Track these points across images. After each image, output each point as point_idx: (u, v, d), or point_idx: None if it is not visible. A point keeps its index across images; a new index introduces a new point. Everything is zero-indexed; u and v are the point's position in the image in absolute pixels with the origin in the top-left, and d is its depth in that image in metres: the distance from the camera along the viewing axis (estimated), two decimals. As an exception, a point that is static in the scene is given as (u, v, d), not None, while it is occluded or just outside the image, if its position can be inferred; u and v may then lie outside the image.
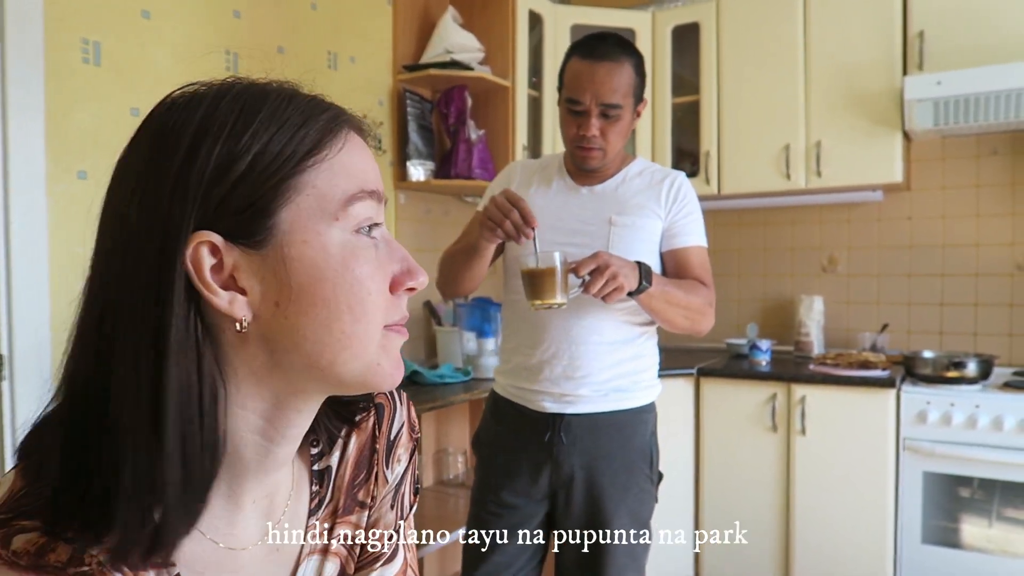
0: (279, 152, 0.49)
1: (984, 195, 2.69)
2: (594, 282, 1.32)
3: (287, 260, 0.49)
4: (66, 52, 1.66)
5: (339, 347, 0.51)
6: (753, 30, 2.75)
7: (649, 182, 1.56)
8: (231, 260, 0.48)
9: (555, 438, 1.51)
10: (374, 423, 0.67)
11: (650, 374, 1.59)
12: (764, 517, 2.51)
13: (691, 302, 1.48)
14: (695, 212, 1.57)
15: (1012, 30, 2.32)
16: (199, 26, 1.94)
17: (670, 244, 1.55)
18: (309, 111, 0.51)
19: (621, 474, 1.51)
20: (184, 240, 0.47)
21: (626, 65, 1.50)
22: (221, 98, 0.49)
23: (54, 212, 1.62)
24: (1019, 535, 2.16)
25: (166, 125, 0.49)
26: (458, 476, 2.58)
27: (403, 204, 2.62)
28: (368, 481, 0.66)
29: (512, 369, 1.59)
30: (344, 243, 0.51)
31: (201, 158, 0.47)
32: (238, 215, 0.48)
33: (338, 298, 0.50)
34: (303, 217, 0.49)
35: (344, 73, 2.39)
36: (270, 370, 0.51)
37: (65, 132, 1.65)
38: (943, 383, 2.29)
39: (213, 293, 0.48)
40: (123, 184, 0.49)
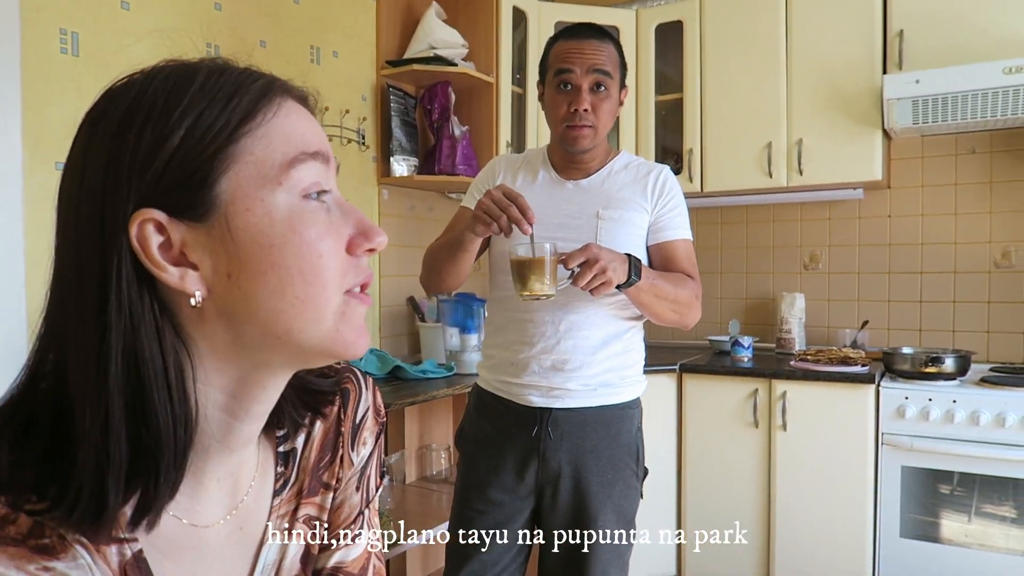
0: (211, 124, 0.49)
1: (962, 193, 2.72)
2: (583, 274, 1.32)
3: (233, 230, 0.49)
4: (43, 42, 1.64)
5: (294, 313, 0.50)
6: (736, 29, 2.77)
7: (635, 176, 1.56)
8: (178, 236, 0.48)
9: (542, 433, 1.49)
10: (339, 406, 0.67)
11: (637, 369, 1.59)
12: (746, 512, 2.53)
13: (679, 295, 1.48)
14: (681, 206, 1.58)
15: (989, 30, 2.35)
16: (179, 18, 1.92)
17: (656, 238, 1.55)
18: (240, 81, 0.51)
19: (608, 470, 1.50)
20: (125, 220, 0.47)
21: (610, 45, 1.53)
22: (152, 79, 0.50)
23: (30, 203, 1.60)
24: (996, 529, 2.19)
25: (103, 112, 0.50)
26: (441, 472, 2.57)
27: (386, 200, 2.61)
28: (333, 463, 0.67)
29: (498, 364, 1.57)
30: (291, 207, 0.50)
31: (132, 137, 0.47)
32: (177, 190, 0.48)
33: (287, 263, 0.50)
34: (244, 185, 0.49)
35: (327, 68, 2.38)
36: (231, 344, 0.51)
37: (42, 123, 1.63)
38: (921, 379, 2.31)
39: (162, 270, 0.48)
40: (68, 175, 0.50)
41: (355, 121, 2.46)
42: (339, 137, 2.39)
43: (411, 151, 2.60)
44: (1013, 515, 2.17)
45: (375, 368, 2.25)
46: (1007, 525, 2.18)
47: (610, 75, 1.49)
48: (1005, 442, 2.14)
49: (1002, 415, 2.15)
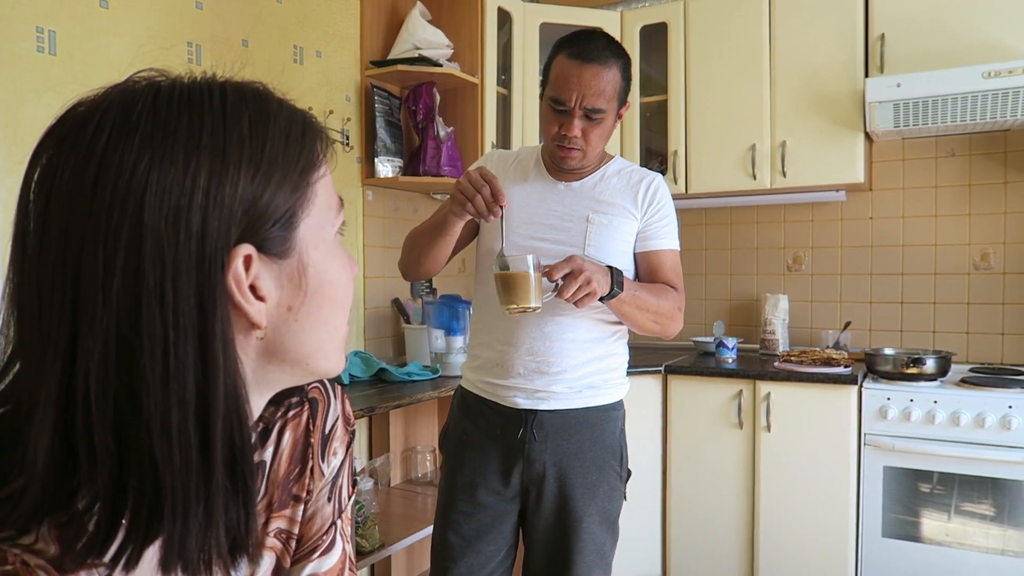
0: (297, 164, 0.51)
1: (942, 196, 2.75)
2: (567, 287, 1.32)
3: (305, 267, 0.52)
4: (19, 41, 1.61)
5: (329, 340, 0.55)
6: (720, 31, 2.78)
7: (627, 182, 1.55)
8: (255, 270, 0.49)
9: (527, 434, 1.50)
10: (308, 417, 0.67)
11: (620, 372, 1.60)
12: (730, 512, 2.54)
13: (660, 307, 1.49)
14: (670, 215, 1.57)
15: (970, 34, 2.37)
16: (159, 17, 1.89)
17: (643, 246, 1.55)
18: (303, 122, 0.53)
19: (592, 471, 1.51)
20: (226, 255, 0.46)
21: (614, 68, 1.46)
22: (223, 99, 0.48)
23: (7, 205, 1.57)
24: (976, 528, 2.22)
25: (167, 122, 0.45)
26: (426, 475, 2.56)
27: (371, 201, 2.59)
28: (303, 475, 0.66)
29: (482, 365, 1.56)
30: (336, 245, 0.55)
31: (231, 173, 0.46)
32: (269, 229, 0.49)
33: (337, 296, 0.54)
34: (314, 226, 0.52)
35: (311, 68, 2.36)
36: (254, 371, 0.53)
37: (18, 122, 1.60)
38: (903, 379, 2.34)
39: (249, 303, 0.49)
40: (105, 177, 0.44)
41: (339, 122, 2.44)
42: (323, 138, 2.37)
43: (396, 152, 2.58)
44: (993, 514, 2.20)
45: (360, 370, 2.23)
46: (987, 524, 2.21)
47: (604, 110, 1.45)
48: (985, 442, 2.17)
49: (982, 415, 2.17)
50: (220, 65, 0.55)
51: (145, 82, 0.48)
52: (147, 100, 0.46)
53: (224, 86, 0.50)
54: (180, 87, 0.48)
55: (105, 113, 0.46)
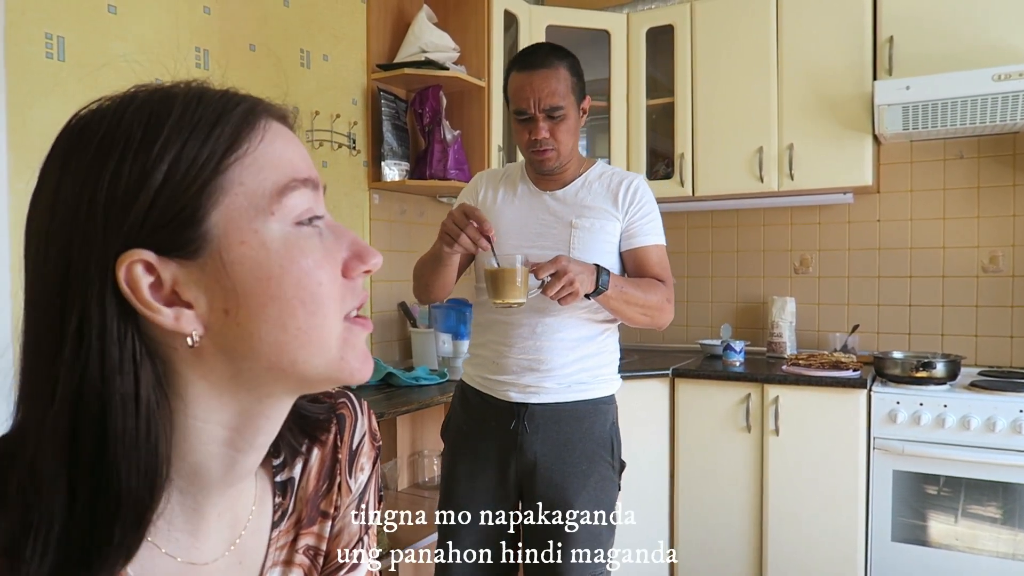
0: (195, 156, 0.46)
1: (950, 198, 2.74)
2: (551, 285, 1.40)
3: (227, 264, 0.47)
4: (28, 46, 1.60)
5: (297, 345, 0.49)
6: (727, 33, 2.78)
7: (608, 185, 1.65)
8: (169, 275, 0.46)
9: (520, 426, 1.60)
10: (335, 433, 0.66)
11: (611, 368, 1.68)
12: (738, 515, 2.53)
13: (648, 300, 1.57)
14: (652, 212, 1.66)
15: (979, 37, 2.36)
16: (167, 22, 1.89)
17: (629, 244, 1.64)
18: (221, 107, 0.49)
19: (583, 462, 1.59)
20: (111, 262, 0.44)
21: (561, 68, 1.58)
22: (124, 109, 0.47)
23: (15, 210, 1.57)
24: (984, 532, 2.21)
25: (73, 146, 0.47)
26: (433, 479, 2.55)
27: (377, 204, 2.59)
28: (331, 491, 0.65)
29: (481, 362, 1.68)
30: (285, 236, 0.48)
31: (109, 174, 0.45)
32: (165, 228, 0.46)
33: (287, 294, 0.48)
34: (235, 217, 0.47)
35: (317, 71, 2.36)
36: (232, 379, 0.49)
37: (27, 128, 1.60)
38: (912, 383, 2.32)
39: (156, 312, 0.46)
40: (38, 210, 0.47)
41: (346, 125, 2.44)
42: (329, 142, 2.37)
43: (402, 155, 2.58)
44: (1003, 518, 2.19)
45: (367, 375, 2.23)
46: (997, 529, 2.19)
47: (561, 107, 1.57)
48: (995, 446, 2.16)
49: (992, 419, 2.16)
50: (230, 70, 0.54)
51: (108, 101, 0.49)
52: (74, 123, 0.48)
53: (136, 94, 0.48)
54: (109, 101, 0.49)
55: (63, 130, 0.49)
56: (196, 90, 0.50)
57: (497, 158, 2.64)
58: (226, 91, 0.51)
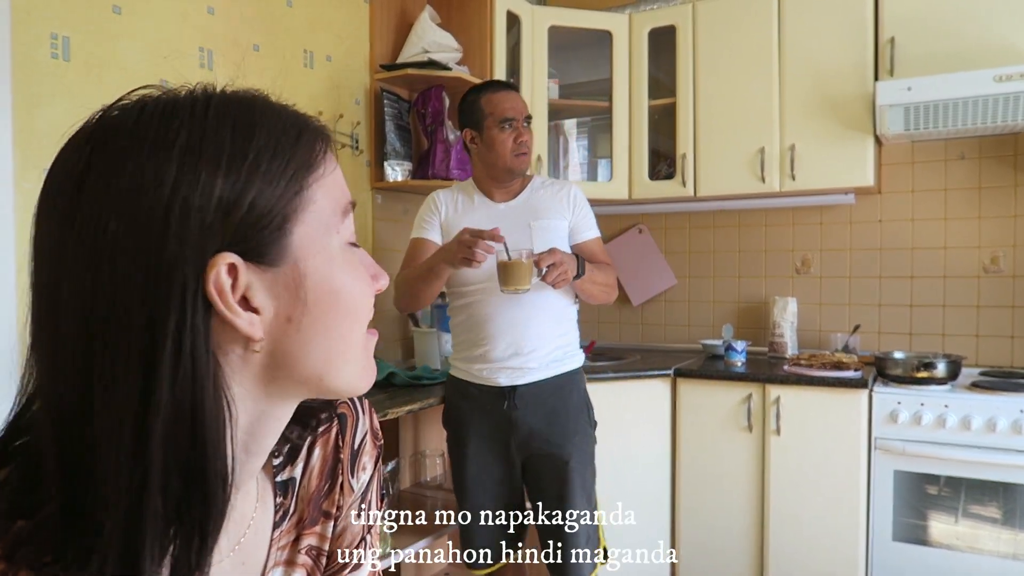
0: (283, 171, 0.48)
1: (952, 199, 2.75)
2: (550, 272, 1.74)
3: (302, 275, 0.49)
4: (34, 47, 1.61)
5: (340, 353, 0.52)
6: (729, 34, 2.78)
7: (553, 192, 2.00)
8: (245, 280, 0.47)
9: (511, 405, 1.90)
10: (337, 432, 0.67)
11: (575, 344, 2.03)
12: (739, 514, 2.53)
13: (608, 280, 1.98)
14: (589, 211, 2.03)
15: (981, 37, 2.37)
16: (172, 22, 1.90)
17: (576, 238, 2.00)
18: (299, 125, 0.51)
19: (568, 423, 1.93)
20: (204, 263, 0.45)
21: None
22: (204, 109, 0.47)
23: (22, 210, 1.58)
24: (987, 532, 2.21)
25: (144, 135, 0.45)
26: (436, 478, 2.56)
27: (380, 204, 2.60)
28: (333, 491, 0.66)
29: (469, 357, 1.96)
30: (343, 254, 0.52)
31: (203, 179, 0.45)
32: (256, 236, 0.47)
33: (345, 307, 0.52)
34: (312, 232, 0.50)
35: (320, 72, 2.36)
36: (266, 385, 0.51)
37: (33, 128, 1.60)
38: (913, 383, 2.33)
39: (236, 315, 0.47)
40: (86, 195, 0.45)
41: (349, 125, 2.45)
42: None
43: (405, 156, 2.58)
44: (1005, 519, 2.19)
45: (369, 374, 2.23)
46: (999, 529, 2.20)
47: (531, 117, 1.98)
48: (996, 446, 2.16)
49: (993, 420, 2.17)
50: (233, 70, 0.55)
51: (138, 98, 0.48)
52: (131, 115, 0.47)
53: (211, 97, 0.48)
54: (166, 101, 0.48)
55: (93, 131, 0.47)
56: (270, 102, 0.51)
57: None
58: (293, 107, 0.53)
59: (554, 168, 3.10)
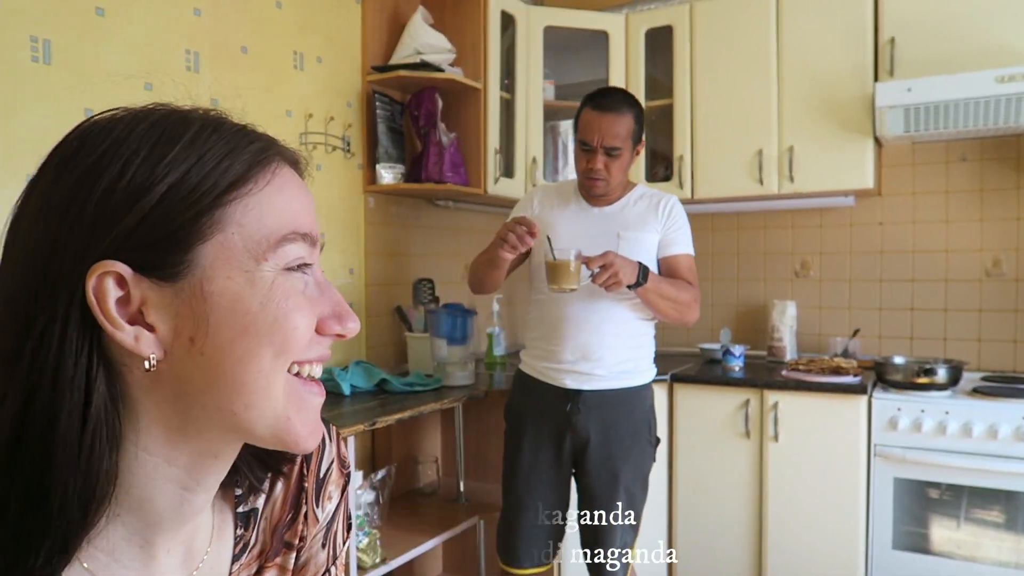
0: (198, 183, 0.45)
1: (953, 201, 2.71)
2: (600, 275, 1.71)
3: (207, 294, 0.46)
4: (14, 50, 1.58)
5: (251, 388, 0.47)
6: (727, 35, 2.74)
7: (648, 204, 1.95)
8: (139, 293, 0.45)
9: (574, 409, 1.88)
10: (302, 461, 0.63)
11: (648, 360, 1.99)
12: (737, 522, 2.50)
13: (679, 297, 1.87)
14: (685, 227, 1.97)
15: (981, 38, 2.33)
16: (157, 24, 1.86)
17: (664, 252, 1.94)
18: (235, 141, 0.48)
19: (626, 438, 1.89)
20: (85, 269, 0.43)
21: (628, 116, 1.87)
22: (138, 123, 0.46)
23: (2, 217, 1.54)
24: (989, 540, 2.18)
25: (77, 149, 0.46)
26: (429, 485, 2.53)
27: (372, 208, 2.56)
28: (296, 521, 0.63)
29: (539, 354, 1.95)
30: (272, 278, 0.48)
31: (104, 183, 0.44)
32: (150, 247, 0.44)
33: (259, 332, 0.47)
34: (226, 254, 0.46)
35: (311, 74, 2.33)
36: (182, 415, 0.48)
37: (13, 134, 1.57)
38: (914, 389, 2.29)
39: (117, 328, 0.44)
40: (27, 207, 0.47)
41: (340, 128, 2.41)
42: (324, 144, 2.35)
43: (397, 158, 2.55)
44: (1006, 527, 2.16)
45: (362, 380, 2.20)
46: (1000, 537, 2.16)
47: (620, 148, 1.85)
48: (998, 453, 2.13)
49: (994, 427, 2.13)
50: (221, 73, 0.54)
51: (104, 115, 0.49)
52: (82, 129, 0.48)
53: (154, 111, 0.48)
54: (118, 115, 0.48)
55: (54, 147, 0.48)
56: (214, 118, 0.49)
57: (493, 161, 2.62)
58: (244, 126, 0.50)
59: (550, 169, 3.07)
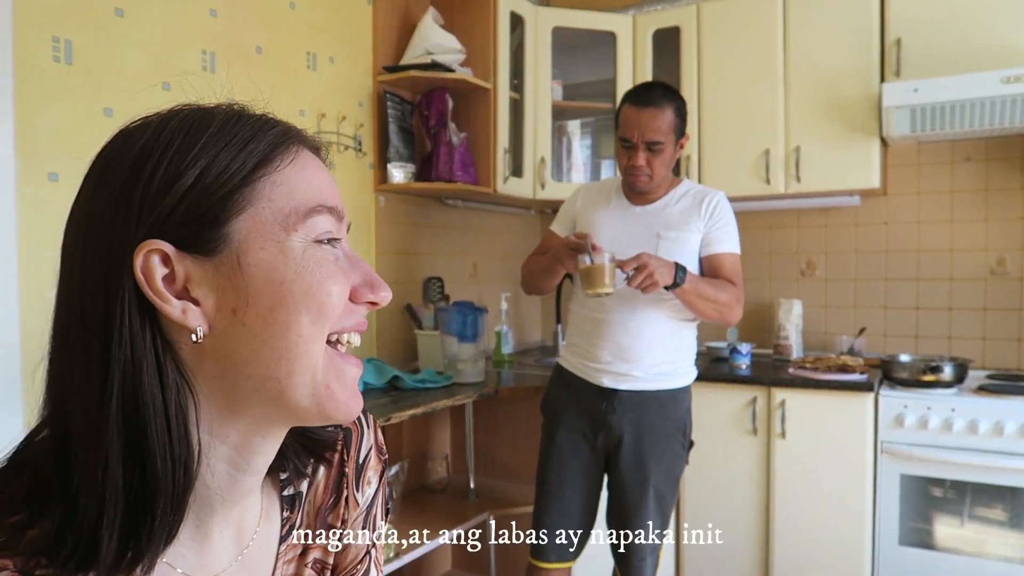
0: (227, 165, 0.49)
1: (958, 201, 2.73)
2: (635, 277, 1.68)
3: (244, 266, 0.49)
4: (36, 50, 1.60)
5: (292, 355, 0.50)
6: (734, 35, 2.77)
7: (692, 202, 1.90)
8: (183, 269, 0.48)
9: (609, 407, 1.87)
10: (342, 447, 0.67)
11: (688, 362, 1.96)
12: (745, 519, 2.52)
13: (719, 297, 1.81)
14: (729, 225, 1.91)
15: (986, 39, 2.35)
16: (174, 25, 1.89)
17: (706, 250, 1.89)
18: (257, 126, 0.52)
19: (660, 440, 1.87)
20: (131, 250, 0.47)
21: (668, 110, 1.83)
22: (168, 121, 0.50)
23: (24, 215, 1.57)
24: (994, 536, 2.20)
25: (116, 151, 0.50)
26: (440, 481, 2.55)
27: (383, 207, 2.59)
28: (338, 505, 0.66)
29: (578, 351, 1.96)
30: (304, 249, 0.51)
31: (146, 174, 0.48)
32: (188, 225, 0.48)
33: (296, 300, 0.50)
34: (259, 227, 0.50)
35: (323, 74, 2.35)
36: (229, 391, 0.50)
37: (35, 133, 1.59)
38: (920, 387, 2.31)
39: (165, 301, 0.47)
40: (75, 210, 0.51)
41: (352, 127, 2.44)
42: (336, 144, 2.37)
43: (408, 157, 2.57)
44: (1012, 523, 2.18)
45: (374, 378, 2.23)
46: (1006, 533, 2.18)
47: (662, 143, 1.82)
48: (1004, 450, 2.15)
49: (1000, 424, 2.15)
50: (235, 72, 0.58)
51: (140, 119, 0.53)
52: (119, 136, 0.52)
53: (181, 110, 0.52)
54: (147, 117, 0.52)
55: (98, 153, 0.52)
56: (236, 111, 0.53)
57: (503, 160, 2.64)
58: (264, 115, 0.54)
59: (558, 169, 3.09)
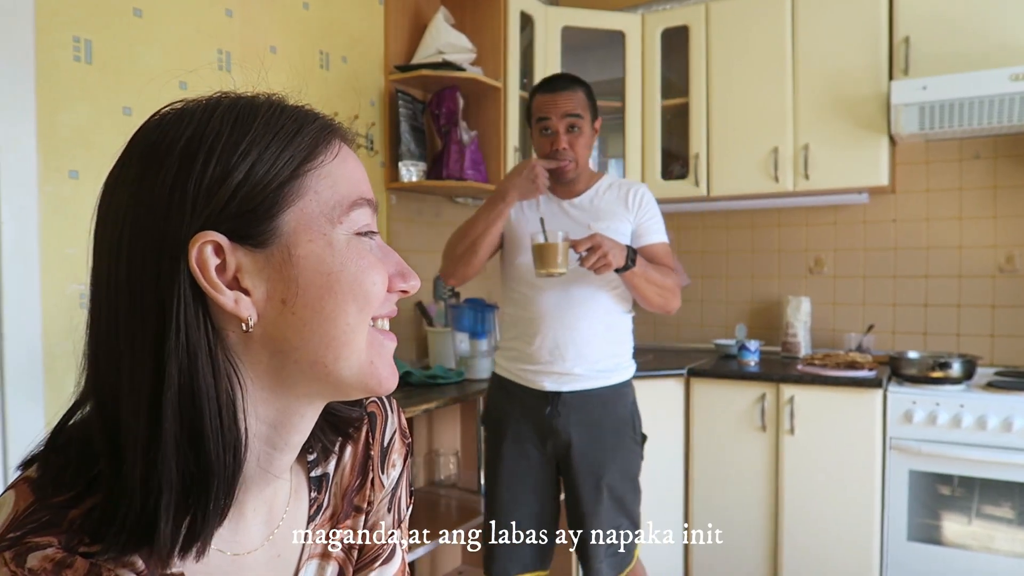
0: (276, 159, 0.51)
1: (967, 198, 2.74)
2: (588, 257, 1.64)
3: (294, 257, 0.51)
4: (57, 50, 1.63)
5: (339, 340, 0.52)
6: (742, 34, 2.78)
7: (618, 194, 1.90)
8: (234, 260, 0.50)
9: (554, 412, 1.82)
10: (367, 430, 0.69)
11: (628, 357, 1.93)
12: (753, 515, 2.54)
13: (665, 283, 1.83)
14: (656, 215, 1.92)
15: (995, 37, 2.36)
16: (191, 25, 1.92)
17: (639, 242, 1.88)
18: (301, 120, 0.53)
19: (610, 437, 1.83)
20: (187, 241, 0.48)
21: (579, 91, 1.85)
22: (212, 111, 0.51)
23: (45, 213, 1.60)
24: (1003, 532, 2.21)
25: (158, 141, 0.50)
26: (450, 477, 2.57)
27: (394, 205, 2.61)
28: (364, 486, 0.68)
29: (515, 356, 1.89)
30: (348, 241, 0.53)
31: (198, 166, 0.49)
32: (241, 217, 0.49)
33: (343, 290, 0.52)
34: (307, 219, 0.52)
35: (336, 73, 2.38)
36: (275, 373, 0.52)
37: (56, 131, 1.62)
38: (928, 383, 2.32)
39: (219, 292, 0.49)
40: (115, 199, 0.50)
41: (364, 126, 2.46)
42: (348, 142, 2.39)
43: (419, 156, 2.60)
44: (1020, 520, 2.18)
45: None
46: (1015, 529, 2.19)
47: (581, 116, 1.83)
48: (1013, 446, 2.16)
49: (1009, 419, 2.16)
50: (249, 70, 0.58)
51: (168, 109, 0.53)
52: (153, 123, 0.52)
53: (221, 101, 0.53)
54: (184, 107, 0.52)
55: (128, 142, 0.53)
56: (277, 102, 0.54)
57: (513, 159, 2.66)
58: (303, 106, 0.55)
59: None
